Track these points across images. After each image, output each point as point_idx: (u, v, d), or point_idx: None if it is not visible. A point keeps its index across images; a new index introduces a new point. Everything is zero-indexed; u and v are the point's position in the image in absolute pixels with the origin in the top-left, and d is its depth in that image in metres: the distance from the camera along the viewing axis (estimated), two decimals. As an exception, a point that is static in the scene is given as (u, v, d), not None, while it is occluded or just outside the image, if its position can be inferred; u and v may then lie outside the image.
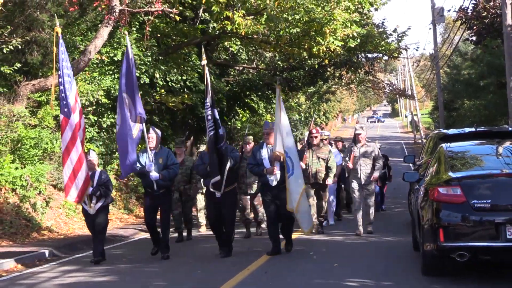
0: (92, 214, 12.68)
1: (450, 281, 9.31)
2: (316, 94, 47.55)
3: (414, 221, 11.58)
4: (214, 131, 12.23)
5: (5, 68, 18.31)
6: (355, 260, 11.75)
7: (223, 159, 12.28)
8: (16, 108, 17.72)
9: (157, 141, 13.04)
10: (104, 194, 12.74)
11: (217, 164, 12.20)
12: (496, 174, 9.30)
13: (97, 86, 20.27)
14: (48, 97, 19.04)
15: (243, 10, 21.99)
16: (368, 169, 15.05)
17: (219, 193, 12.39)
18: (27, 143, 17.55)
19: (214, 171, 12.26)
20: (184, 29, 24.56)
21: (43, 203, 17.36)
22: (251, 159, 12.97)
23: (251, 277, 10.39)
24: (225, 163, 12.30)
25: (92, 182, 12.66)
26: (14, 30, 18.41)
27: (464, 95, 42.05)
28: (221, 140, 12.34)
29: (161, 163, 12.83)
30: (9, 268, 12.45)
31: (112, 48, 21.21)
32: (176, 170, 13.09)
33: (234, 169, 12.76)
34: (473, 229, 8.95)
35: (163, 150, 13.26)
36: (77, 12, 20.45)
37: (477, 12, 22.43)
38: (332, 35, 22.13)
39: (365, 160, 15.05)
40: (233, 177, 12.82)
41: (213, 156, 12.23)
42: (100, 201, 12.73)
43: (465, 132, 15.04)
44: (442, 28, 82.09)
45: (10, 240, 15.20)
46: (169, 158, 12.99)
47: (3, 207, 16.36)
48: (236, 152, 13.21)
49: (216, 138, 12.23)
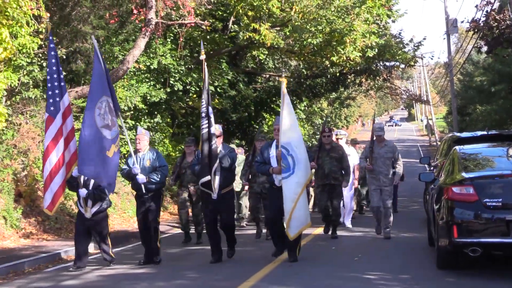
0: (88, 218, 11.29)
1: (463, 275, 9.24)
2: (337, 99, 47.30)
3: (429, 219, 11.52)
4: (207, 129, 11.05)
5: (51, 76, 18.42)
6: (374, 254, 11.71)
7: (213, 158, 10.98)
8: (61, 113, 17.81)
9: (145, 143, 11.78)
10: (99, 198, 11.29)
11: (207, 164, 10.98)
12: (506, 174, 9.22)
13: (135, 92, 20.39)
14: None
15: (269, 22, 22.06)
16: (386, 170, 13.66)
17: (215, 194, 11.08)
18: (70, 145, 17.63)
19: (204, 171, 11.05)
20: (215, 39, 24.61)
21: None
22: (259, 156, 11.63)
23: (277, 269, 10.37)
24: (214, 163, 10.97)
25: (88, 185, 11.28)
26: (59, 41, 18.57)
27: (476, 101, 41.71)
28: (213, 139, 11.03)
29: (149, 165, 11.51)
30: (54, 260, 12.54)
31: (148, 57, 21.30)
32: (164, 172, 11.65)
33: (231, 169, 11.44)
34: (485, 226, 8.89)
35: (152, 151, 11.83)
36: (116, 24, 20.63)
37: (488, 23, 22.24)
38: (352, 44, 22.12)
39: (384, 161, 13.65)
40: (229, 178, 11.52)
41: (204, 155, 11.05)
42: (96, 205, 11.32)
43: (477, 135, 14.99)
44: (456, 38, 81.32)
45: (56, 235, 15.33)
46: (157, 160, 11.61)
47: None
48: (233, 152, 11.76)
49: (209, 135, 11.03)
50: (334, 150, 13.85)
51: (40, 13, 15.16)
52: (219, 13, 23.91)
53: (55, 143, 11.27)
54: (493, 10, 22.65)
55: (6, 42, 14.09)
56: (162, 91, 21.37)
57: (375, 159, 13.66)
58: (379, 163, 13.65)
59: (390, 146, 13.93)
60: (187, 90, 23.04)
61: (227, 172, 11.28)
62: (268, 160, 11.23)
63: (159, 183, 11.57)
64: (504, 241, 8.81)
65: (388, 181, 13.69)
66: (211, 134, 10.99)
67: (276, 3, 21.20)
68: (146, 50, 20.72)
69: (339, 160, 13.77)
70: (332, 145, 13.96)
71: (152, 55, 21.41)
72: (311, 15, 21.30)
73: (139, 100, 20.46)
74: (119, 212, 18.79)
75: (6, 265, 11.21)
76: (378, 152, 13.68)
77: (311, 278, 9.50)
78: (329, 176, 13.73)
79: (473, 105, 43.64)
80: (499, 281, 8.78)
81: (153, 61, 21.27)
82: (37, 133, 16.94)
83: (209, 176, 10.95)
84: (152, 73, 21.42)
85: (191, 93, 23.49)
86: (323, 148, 13.83)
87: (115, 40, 21.26)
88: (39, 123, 17.25)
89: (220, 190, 11.14)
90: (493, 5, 23.12)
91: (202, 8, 20.72)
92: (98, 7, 19.89)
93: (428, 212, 11.90)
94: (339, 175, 13.80)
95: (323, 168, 13.68)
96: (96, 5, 19.70)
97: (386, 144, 13.86)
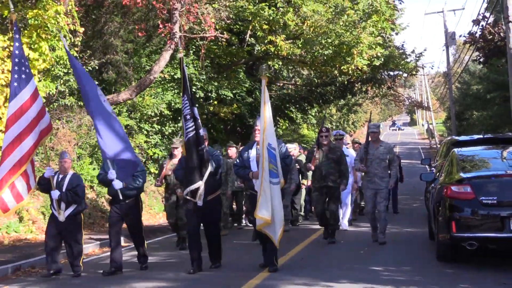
0: (61, 221, 9.68)
1: (461, 267, 9.21)
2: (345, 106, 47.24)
3: (430, 215, 11.48)
4: (194, 131, 9.37)
5: (85, 85, 18.56)
6: (379, 248, 11.67)
7: (203, 163, 9.37)
8: (94, 119, 17.93)
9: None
10: (72, 200, 9.69)
11: (198, 169, 9.35)
12: (501, 174, 9.19)
13: (161, 100, 20.49)
14: (120, 110, 19.30)
15: (283, 35, 22.10)
16: (382, 172, 11.95)
17: (200, 201, 9.39)
18: (103, 148, 17.75)
19: (193, 177, 9.37)
20: (234, 51, 24.65)
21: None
22: (239, 159, 9.84)
23: (290, 261, 10.37)
24: (206, 167, 9.38)
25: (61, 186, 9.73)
26: (92, 54, 18.71)
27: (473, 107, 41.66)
28: (202, 142, 9.42)
29: None
30: (88, 252, 12.63)
31: (172, 68, 21.41)
32: (142, 178, 10.01)
33: (216, 174, 9.69)
34: (481, 222, 8.86)
35: None
36: (144, 38, 20.75)
37: (484, 36, 22.17)
38: (359, 55, 22.18)
39: (379, 163, 11.93)
40: (215, 183, 9.73)
41: (192, 160, 9.35)
42: (70, 207, 9.71)
43: (474, 138, 14.88)
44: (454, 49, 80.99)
45: (89, 229, 15.40)
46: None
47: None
48: (218, 155, 10.10)
49: (197, 139, 9.36)
50: (332, 151, 12.15)
51: (75, 28, 15.28)
52: (237, 27, 23.98)
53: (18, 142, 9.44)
54: (489, 24, 22.60)
55: (45, 55, 14.27)
56: (185, 98, 21.40)
57: (370, 161, 11.98)
58: (374, 165, 11.96)
59: (386, 147, 12.19)
60: (208, 97, 23.14)
61: (212, 176, 9.54)
62: (248, 163, 9.62)
63: (136, 188, 9.99)
64: (499, 236, 8.77)
65: (384, 183, 11.96)
66: (200, 137, 9.40)
67: (291, 18, 21.29)
68: (171, 61, 20.81)
69: (337, 162, 12.09)
70: (330, 146, 12.24)
71: (176, 66, 21.50)
72: (322, 29, 21.37)
73: (164, 107, 20.58)
74: (146, 209, 18.85)
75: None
76: (373, 153, 11.97)
77: (321, 269, 9.50)
78: (326, 178, 12.03)
79: (470, 111, 43.55)
80: (493, 272, 8.74)
81: (177, 71, 21.36)
82: (72, 137, 17.08)
83: (200, 182, 9.35)
84: (176, 82, 21.51)
85: (212, 100, 23.59)
86: (321, 149, 12.17)
87: (142, 52, 21.41)
88: (74, 128, 17.39)
89: (206, 196, 9.45)
90: (488, 19, 23.10)
91: (222, 23, 20.79)
92: (128, 22, 20.04)
93: (429, 209, 11.85)
94: (337, 177, 12.08)
95: (320, 170, 12.08)
96: (125, 20, 19.84)
97: (381, 145, 12.12)
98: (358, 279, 8.49)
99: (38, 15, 14.19)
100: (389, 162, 12.01)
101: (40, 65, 14.33)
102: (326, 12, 21.21)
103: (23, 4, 14.99)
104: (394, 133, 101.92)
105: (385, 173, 12.00)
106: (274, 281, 8.59)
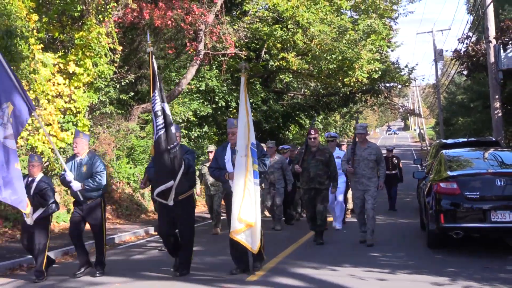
0: (30, 224, 8.26)
1: (449, 252, 9.18)
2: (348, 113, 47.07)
3: (421, 208, 11.42)
4: (164, 129, 7.74)
5: (123, 95, 18.73)
6: (376, 237, 11.62)
7: (175, 161, 7.72)
8: (130, 124, 18.07)
9: (83, 147, 8.53)
10: (39, 204, 8.25)
11: (169, 168, 7.69)
12: (483, 173, 9.14)
13: (187, 108, 20.55)
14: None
15: (294, 52, 22.15)
16: (370, 173, 10.40)
17: (171, 201, 7.83)
18: (138, 149, 17.87)
19: (164, 177, 7.74)
20: (251, 66, 24.71)
21: (149, 193, 17.61)
22: (213, 161, 8.40)
23: (299, 249, 10.38)
24: (179, 166, 7.74)
25: (29, 189, 8.25)
26: (129, 68, 18.84)
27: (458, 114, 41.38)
28: (174, 140, 7.75)
29: (85, 171, 8.36)
30: (124, 240, 12.70)
31: (198, 80, 21.47)
32: (101, 178, 8.36)
33: (189, 173, 8.01)
34: (466, 214, 8.83)
35: (91, 156, 8.52)
36: (173, 54, 20.83)
37: (468, 53, 22.12)
38: (360, 69, 22.19)
39: (367, 164, 10.40)
40: (187, 183, 8.04)
41: (163, 159, 7.70)
42: (38, 210, 8.27)
43: (460, 141, 14.82)
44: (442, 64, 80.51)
45: (126, 220, 15.49)
46: (94, 166, 8.38)
47: (121, 196, 16.66)
48: (192, 153, 8.27)
49: (167, 137, 7.73)
50: (321, 153, 10.59)
51: (115, 47, 15.39)
52: (254, 45, 24.02)
53: None
54: (472, 42, 22.60)
55: (89, 70, 14.47)
56: (209, 107, 21.51)
57: (358, 162, 10.44)
58: (362, 166, 10.43)
59: (374, 147, 10.58)
60: (229, 105, 23.18)
61: (183, 176, 7.85)
62: (223, 165, 8.18)
63: (96, 189, 8.41)
64: (481, 226, 8.75)
65: (372, 183, 10.39)
66: (171, 135, 7.76)
67: (300, 37, 21.34)
68: (196, 75, 20.91)
69: (326, 164, 10.53)
70: (318, 148, 10.65)
71: (201, 79, 21.58)
72: (327, 47, 21.40)
73: (191, 114, 20.65)
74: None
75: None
76: (360, 154, 10.45)
77: (326, 256, 9.49)
78: (314, 180, 10.49)
79: (456, 117, 43.26)
80: (478, 258, 8.69)
81: (202, 84, 21.44)
82: (112, 140, 17.15)
83: (172, 181, 7.73)
84: (201, 92, 21.60)
85: (232, 108, 23.64)
86: (309, 151, 10.62)
87: (172, 67, 21.51)
88: (113, 132, 17.48)
89: (177, 196, 7.88)
90: (471, 38, 23.14)
91: (241, 42, 20.85)
92: (159, 41, 20.13)
93: (420, 203, 11.80)
94: (325, 179, 10.53)
95: (308, 172, 10.53)
96: (157, 39, 19.93)
97: (369, 146, 10.55)
98: (359, 263, 8.48)
99: (83, 36, 14.37)
100: (376, 163, 10.48)
101: (85, 79, 14.53)
102: (331, 32, 21.22)
103: (71, 27, 15.15)
104: (390, 136, 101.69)
105: (373, 174, 10.46)
106: (285, 265, 8.59)
